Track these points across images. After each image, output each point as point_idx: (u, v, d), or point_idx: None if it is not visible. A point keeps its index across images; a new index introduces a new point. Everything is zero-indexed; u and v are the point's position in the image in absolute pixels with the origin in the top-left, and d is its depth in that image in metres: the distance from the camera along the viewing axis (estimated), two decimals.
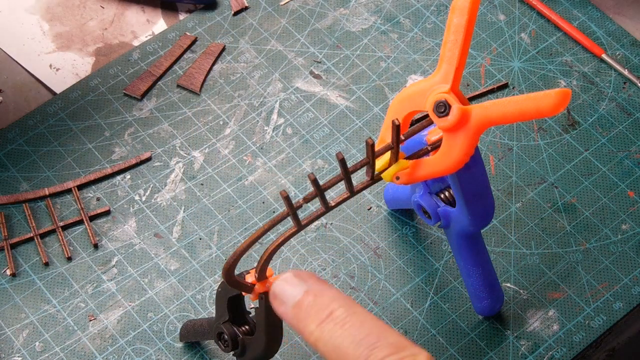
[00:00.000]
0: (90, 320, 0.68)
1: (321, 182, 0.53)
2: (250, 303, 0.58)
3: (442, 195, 0.64)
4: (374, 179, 0.56)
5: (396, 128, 0.54)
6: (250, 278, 0.56)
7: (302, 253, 0.71)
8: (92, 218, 0.72)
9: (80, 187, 0.74)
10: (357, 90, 0.79)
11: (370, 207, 0.73)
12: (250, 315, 0.61)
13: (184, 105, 0.78)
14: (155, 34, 0.82)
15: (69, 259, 0.71)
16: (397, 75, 0.79)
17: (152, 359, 0.67)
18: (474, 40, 0.81)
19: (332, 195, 0.73)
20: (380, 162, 0.57)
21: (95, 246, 0.71)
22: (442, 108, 0.55)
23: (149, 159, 0.75)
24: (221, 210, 0.73)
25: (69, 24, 0.82)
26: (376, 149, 0.55)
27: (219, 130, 0.77)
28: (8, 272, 0.70)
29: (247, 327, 0.60)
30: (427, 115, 0.56)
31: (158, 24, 0.82)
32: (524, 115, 0.52)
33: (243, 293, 0.58)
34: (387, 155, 0.56)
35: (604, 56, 0.80)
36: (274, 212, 0.73)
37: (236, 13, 0.83)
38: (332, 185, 0.53)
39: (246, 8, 0.83)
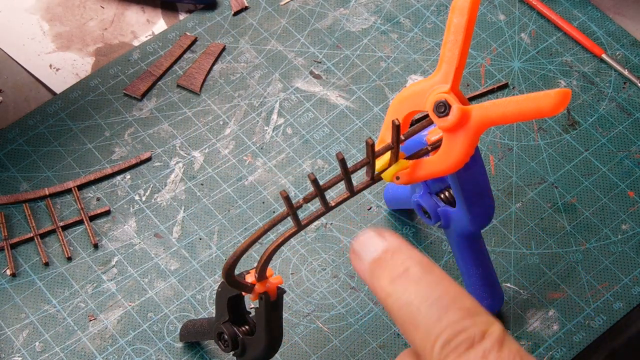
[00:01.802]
0: (90, 320, 0.68)
1: (321, 182, 0.53)
2: (250, 303, 0.58)
3: (442, 195, 0.64)
4: (374, 179, 0.56)
5: (396, 128, 0.54)
6: (250, 278, 0.56)
7: (302, 253, 0.71)
8: (92, 218, 0.72)
9: (80, 187, 0.74)
10: (357, 90, 0.79)
11: (370, 207, 0.73)
12: (250, 315, 0.61)
13: (184, 105, 0.78)
14: (155, 34, 0.82)
15: (69, 259, 0.71)
16: (397, 75, 0.79)
17: (152, 359, 0.67)
18: (474, 40, 0.81)
19: (332, 195, 0.73)
20: (380, 162, 0.57)
21: (95, 246, 0.71)
22: (442, 108, 0.55)
23: (149, 159, 0.75)
24: (221, 210, 0.73)
25: (69, 24, 0.82)
26: (376, 149, 0.55)
27: (219, 130, 0.77)
28: (8, 272, 0.70)
29: (247, 327, 0.60)
30: (427, 115, 0.56)
31: (158, 24, 0.82)
32: (524, 115, 0.52)
33: (243, 293, 0.58)
34: (387, 155, 0.56)
35: (604, 56, 0.80)
36: (274, 212, 0.73)
37: (236, 13, 0.83)
38: (332, 185, 0.53)
39: (246, 8, 0.83)
